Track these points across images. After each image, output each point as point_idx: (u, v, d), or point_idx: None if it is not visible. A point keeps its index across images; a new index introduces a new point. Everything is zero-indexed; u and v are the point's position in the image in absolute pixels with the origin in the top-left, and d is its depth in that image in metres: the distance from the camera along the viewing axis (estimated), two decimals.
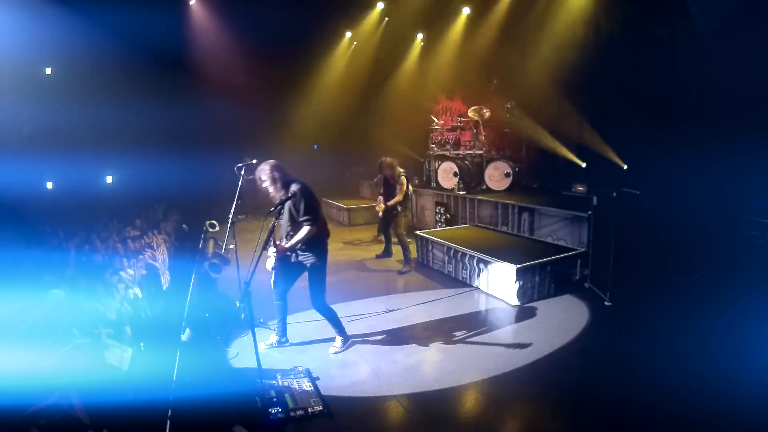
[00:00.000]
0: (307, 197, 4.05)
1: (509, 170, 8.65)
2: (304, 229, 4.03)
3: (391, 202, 6.97)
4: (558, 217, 6.82)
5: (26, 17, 7.56)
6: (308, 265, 4.20)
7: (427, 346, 4.48)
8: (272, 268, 4.14)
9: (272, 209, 3.89)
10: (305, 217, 4.01)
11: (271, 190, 4.12)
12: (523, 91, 9.83)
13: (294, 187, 4.05)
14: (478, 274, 6.05)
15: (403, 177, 6.93)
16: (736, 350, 4.09)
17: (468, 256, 6.21)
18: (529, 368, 4.00)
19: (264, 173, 4.14)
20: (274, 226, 3.86)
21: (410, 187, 7.18)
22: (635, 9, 7.93)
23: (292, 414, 3.39)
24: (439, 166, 9.53)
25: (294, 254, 4.22)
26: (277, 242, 4.07)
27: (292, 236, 4.10)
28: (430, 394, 3.66)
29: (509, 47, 9.86)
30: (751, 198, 6.29)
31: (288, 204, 4.07)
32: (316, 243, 4.16)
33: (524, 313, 5.26)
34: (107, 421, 2.79)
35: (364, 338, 4.66)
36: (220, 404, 3.27)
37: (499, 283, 5.68)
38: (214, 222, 6.09)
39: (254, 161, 4.73)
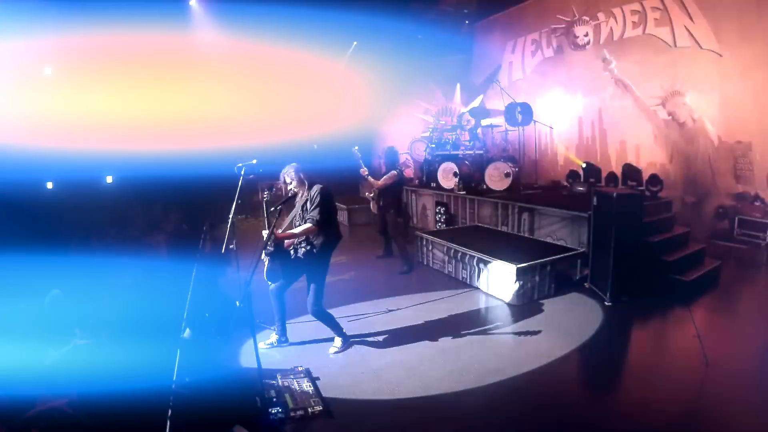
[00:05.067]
0: (323, 197, 4.08)
1: (509, 170, 8.64)
2: (305, 225, 4.04)
3: (372, 181, 6.85)
4: (558, 217, 6.82)
5: (26, 16, 7.56)
6: (309, 267, 4.19)
7: (427, 346, 4.47)
8: (266, 255, 3.98)
9: (277, 205, 3.90)
10: (311, 215, 4.03)
11: (297, 191, 4.17)
12: (524, 90, 9.85)
13: (315, 187, 4.12)
14: (478, 274, 6.04)
15: (394, 171, 6.86)
16: (736, 350, 4.09)
17: (468, 256, 6.20)
18: (529, 368, 3.99)
19: (289, 175, 4.18)
20: (277, 217, 3.86)
21: (393, 181, 6.90)
22: (634, 8, 7.94)
23: (292, 414, 3.40)
24: (439, 166, 9.53)
25: (294, 252, 4.21)
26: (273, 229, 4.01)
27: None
28: (430, 394, 3.66)
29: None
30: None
31: (302, 200, 4.10)
32: (322, 247, 4.15)
33: (524, 313, 5.25)
34: (107, 422, 2.79)
35: (364, 338, 4.66)
36: (220, 404, 3.27)
37: (499, 283, 5.68)
38: (214, 222, 6.04)
39: (254, 161, 4.73)
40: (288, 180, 4.20)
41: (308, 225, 4.03)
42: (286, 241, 4.14)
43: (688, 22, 7.57)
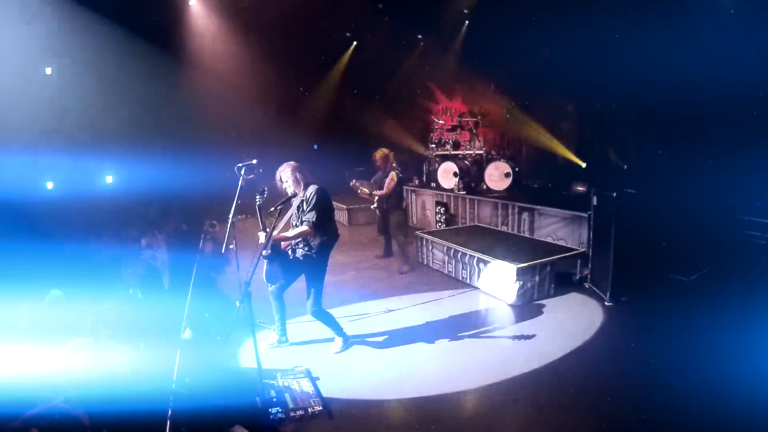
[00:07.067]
0: (320, 198, 4.06)
1: (509, 170, 8.65)
2: (301, 227, 4.04)
3: (376, 192, 6.89)
4: (558, 217, 6.82)
5: (26, 17, 7.56)
6: (307, 268, 4.19)
7: (427, 346, 4.48)
8: (264, 258, 3.95)
9: (277, 205, 3.91)
10: (307, 217, 4.02)
11: (293, 191, 4.15)
12: (524, 91, 9.85)
13: (311, 188, 4.08)
14: (478, 274, 6.04)
15: (393, 172, 6.86)
16: (736, 350, 4.08)
17: (468, 256, 6.20)
18: (529, 369, 3.99)
19: (285, 174, 4.15)
20: (276, 217, 3.88)
21: (396, 182, 6.84)
22: (635, 8, 7.94)
23: (292, 414, 3.40)
24: (439, 166, 9.53)
25: (292, 252, 4.21)
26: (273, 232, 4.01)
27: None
28: (430, 394, 3.66)
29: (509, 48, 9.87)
30: (751, 198, 6.30)
31: (298, 200, 4.09)
32: (320, 247, 4.15)
33: (524, 313, 5.25)
34: (107, 422, 2.79)
35: (364, 338, 4.66)
36: (220, 404, 3.27)
37: (499, 283, 5.68)
38: (215, 222, 6.09)
39: (254, 161, 4.72)
40: (284, 179, 4.17)
41: (304, 227, 4.03)
42: (282, 243, 4.14)
43: None
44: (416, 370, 4.04)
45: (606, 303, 5.33)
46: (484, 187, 8.94)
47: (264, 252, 3.85)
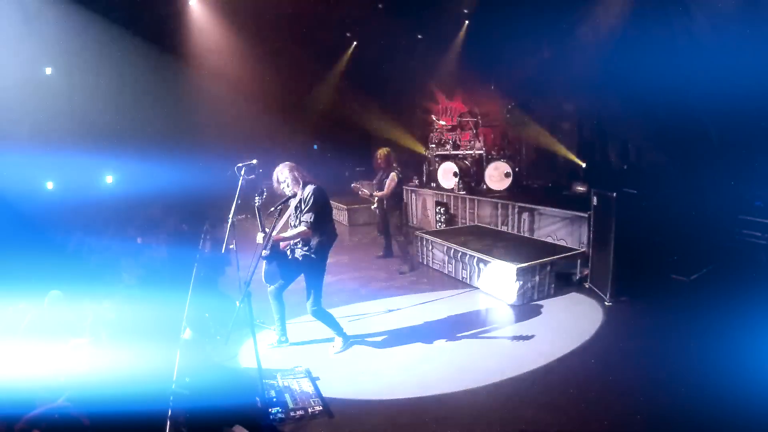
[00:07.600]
0: (317, 198, 4.05)
1: (509, 170, 8.64)
2: (299, 228, 4.04)
3: (377, 193, 6.91)
4: (558, 217, 6.82)
5: (26, 16, 7.56)
6: (306, 268, 4.19)
7: (427, 346, 4.48)
8: (263, 258, 3.95)
9: (276, 206, 3.91)
10: (305, 218, 4.02)
11: (291, 191, 4.13)
12: (524, 90, 9.85)
13: (309, 188, 4.07)
14: (478, 274, 6.04)
15: (393, 173, 6.86)
16: (736, 350, 4.08)
17: (468, 256, 6.20)
18: (529, 368, 3.99)
19: (283, 174, 4.13)
20: (276, 217, 3.87)
21: (396, 182, 6.85)
22: (635, 9, 7.94)
23: (292, 414, 3.40)
24: (439, 166, 9.53)
25: (291, 252, 4.21)
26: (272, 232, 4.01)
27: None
28: (430, 394, 3.66)
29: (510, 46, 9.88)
30: (751, 198, 6.30)
31: (296, 200, 4.09)
32: (318, 247, 4.15)
33: (524, 313, 5.25)
34: (107, 422, 2.79)
35: (364, 338, 4.66)
36: (220, 404, 3.27)
37: (499, 283, 5.68)
38: (214, 222, 6.03)
39: (254, 161, 4.73)
40: (281, 179, 4.16)
41: (302, 228, 4.02)
42: (281, 243, 4.14)
43: None
44: (416, 370, 4.04)
45: (606, 303, 5.33)
46: (484, 187, 8.94)
47: (263, 252, 3.85)
